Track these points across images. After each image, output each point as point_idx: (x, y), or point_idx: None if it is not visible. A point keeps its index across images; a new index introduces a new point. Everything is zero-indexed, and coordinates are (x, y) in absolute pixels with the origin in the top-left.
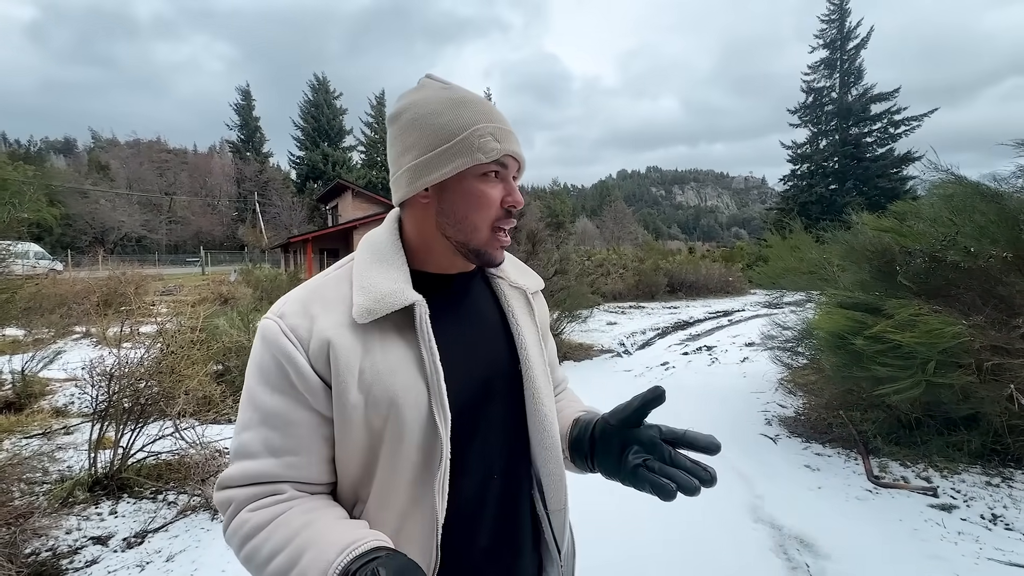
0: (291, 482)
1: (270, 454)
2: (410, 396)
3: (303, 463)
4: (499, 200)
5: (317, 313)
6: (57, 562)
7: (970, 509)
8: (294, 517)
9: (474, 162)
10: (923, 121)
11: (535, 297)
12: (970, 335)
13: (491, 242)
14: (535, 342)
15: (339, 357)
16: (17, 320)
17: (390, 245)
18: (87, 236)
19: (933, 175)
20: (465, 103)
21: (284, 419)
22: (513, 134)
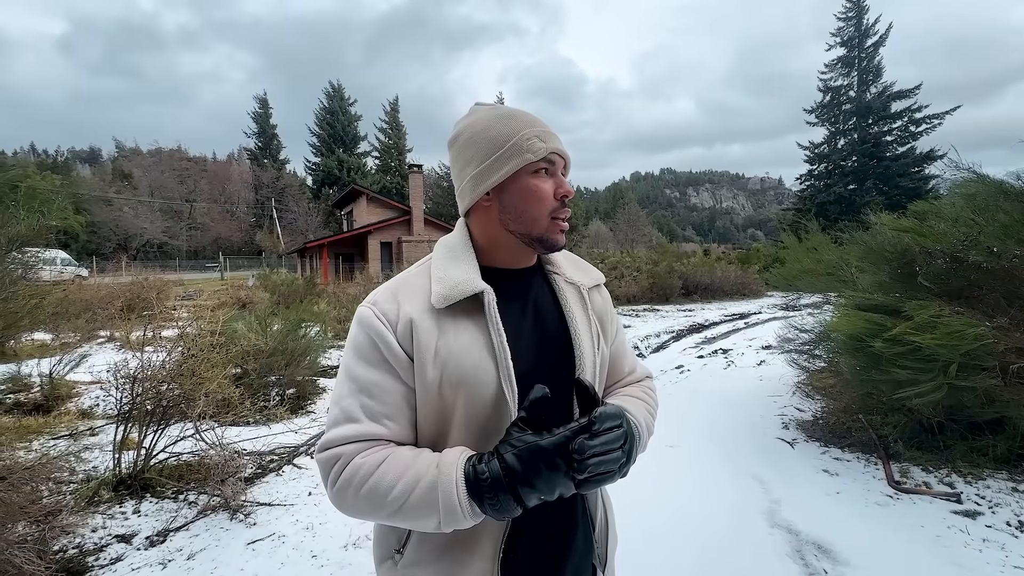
0: (392, 441)
1: (369, 418)
2: (480, 373)
3: (396, 425)
4: (552, 192)
5: (402, 300)
6: (83, 559)
7: (995, 516)
8: (405, 451)
9: (525, 161)
10: (945, 119)
11: (592, 291)
12: (993, 337)
13: (551, 228)
14: (586, 332)
15: (420, 336)
16: (45, 324)
17: (462, 244)
18: (111, 243)
19: (955, 174)
20: (511, 115)
21: (379, 388)
22: (556, 136)
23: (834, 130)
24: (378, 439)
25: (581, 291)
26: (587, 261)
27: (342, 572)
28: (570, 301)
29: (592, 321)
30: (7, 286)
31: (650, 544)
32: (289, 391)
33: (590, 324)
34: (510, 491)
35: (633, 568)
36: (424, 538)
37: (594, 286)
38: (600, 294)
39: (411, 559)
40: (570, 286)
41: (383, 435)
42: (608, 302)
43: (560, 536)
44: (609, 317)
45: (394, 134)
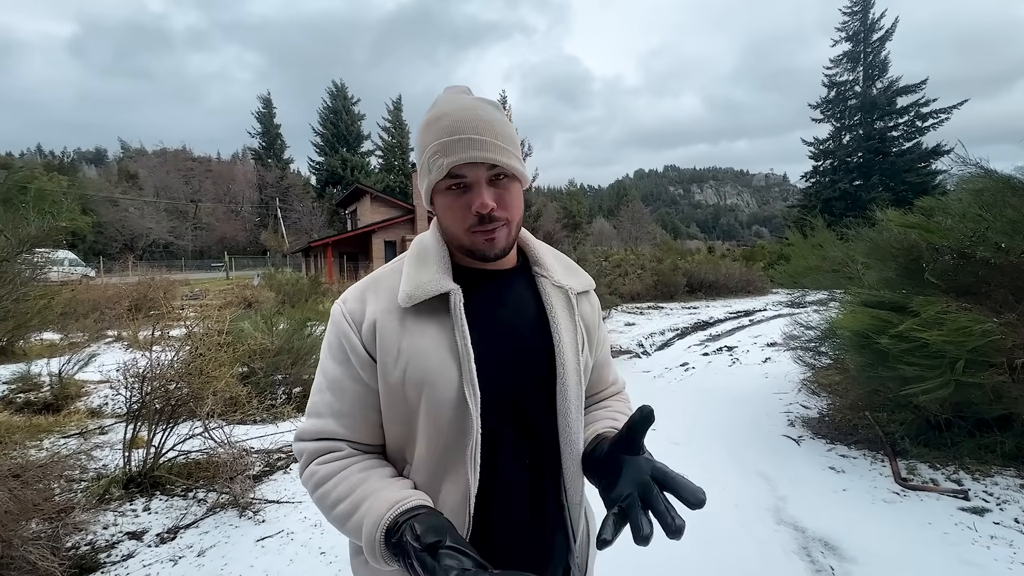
0: (347, 440)
1: (331, 415)
2: (442, 375)
3: (355, 425)
4: (468, 208)
5: (370, 299)
6: (96, 555)
7: (1004, 513)
8: (353, 473)
9: (433, 181)
10: (952, 113)
11: (581, 297)
12: (1001, 333)
13: (475, 242)
14: (571, 340)
15: (383, 336)
16: (54, 324)
17: (434, 242)
18: (117, 243)
19: (962, 169)
20: (430, 123)
21: (342, 387)
22: (469, 140)
23: (839, 126)
24: (336, 438)
25: (569, 295)
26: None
27: (350, 569)
28: (555, 306)
29: (578, 327)
30: (17, 287)
31: (655, 541)
32: (295, 389)
33: (575, 330)
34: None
35: (638, 565)
36: None
37: (583, 292)
38: (589, 300)
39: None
40: (557, 290)
41: (341, 435)
42: (596, 309)
43: (539, 544)
44: (596, 324)
45: (397, 133)
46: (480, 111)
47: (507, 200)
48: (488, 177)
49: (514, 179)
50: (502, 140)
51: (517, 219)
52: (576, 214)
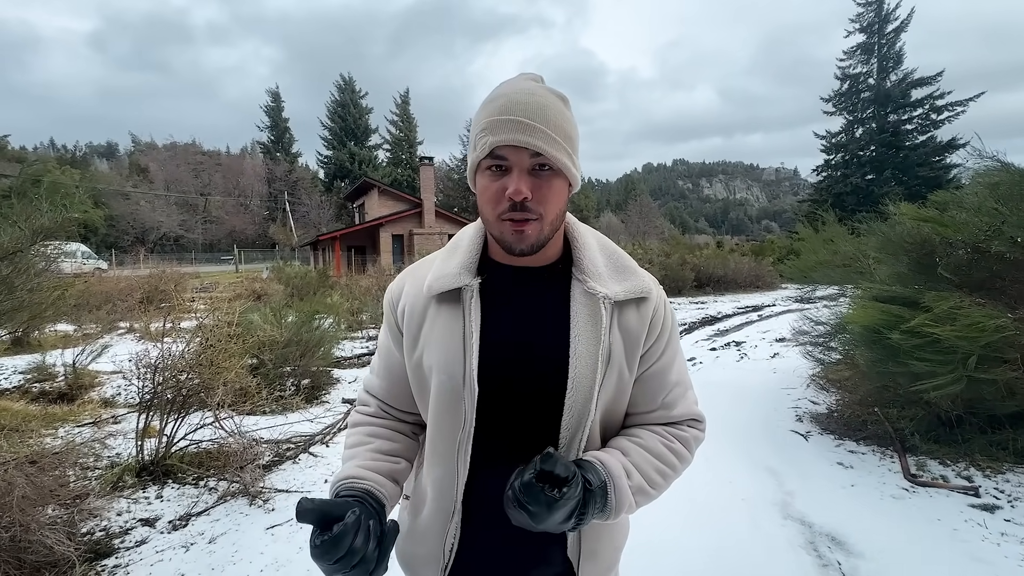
0: (379, 400)
1: (375, 374)
2: (448, 364)
3: (386, 386)
4: (502, 193)
5: (408, 282)
6: (110, 541)
7: (1015, 510)
8: (361, 433)
9: (474, 160)
10: (968, 106)
11: (626, 306)
12: (1015, 329)
13: (504, 231)
14: (589, 354)
15: (409, 320)
16: (68, 316)
17: (470, 235)
18: (129, 236)
19: (978, 162)
20: (486, 104)
21: (386, 350)
22: (517, 122)
23: (852, 119)
24: (372, 395)
25: (601, 304)
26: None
27: None
28: (579, 314)
29: (604, 341)
30: (32, 278)
31: (664, 535)
32: (304, 381)
33: (599, 343)
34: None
35: (648, 559)
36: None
37: (632, 299)
38: (639, 309)
39: (401, 513)
40: (589, 297)
41: (377, 392)
42: (650, 320)
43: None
44: (648, 338)
45: (405, 127)
46: (539, 96)
47: (545, 194)
48: (531, 165)
49: (559, 174)
50: (553, 130)
51: (553, 216)
52: (584, 208)
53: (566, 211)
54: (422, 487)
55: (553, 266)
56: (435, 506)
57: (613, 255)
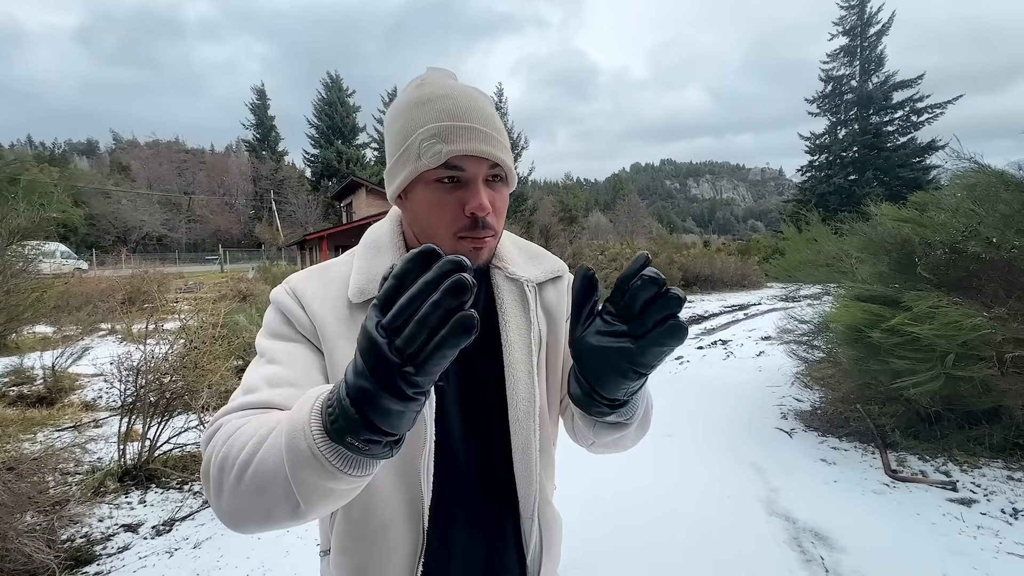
0: (284, 409)
1: (269, 385)
2: None
3: (297, 394)
4: (459, 207)
5: (317, 284)
6: (91, 548)
7: (990, 503)
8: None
9: (420, 169)
10: (947, 108)
11: (546, 286)
12: (991, 327)
13: (460, 251)
14: (521, 339)
15: (331, 325)
16: (47, 317)
17: (389, 235)
18: (110, 235)
19: (956, 164)
20: (423, 103)
21: (287, 353)
22: (475, 130)
23: (835, 120)
24: (272, 407)
25: (525, 288)
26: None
27: None
28: (506, 301)
29: (534, 323)
30: (8, 279)
31: (650, 532)
32: None
33: (530, 326)
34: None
35: (633, 556)
36: (339, 552)
37: (548, 280)
38: (556, 287)
39: (333, 570)
40: (510, 283)
41: (279, 403)
42: (566, 293)
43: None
44: (565, 311)
45: None
46: (480, 100)
47: (499, 206)
48: (487, 175)
49: (506, 182)
50: (501, 136)
51: (502, 227)
52: (573, 208)
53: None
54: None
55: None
56: (394, 542)
57: (523, 245)
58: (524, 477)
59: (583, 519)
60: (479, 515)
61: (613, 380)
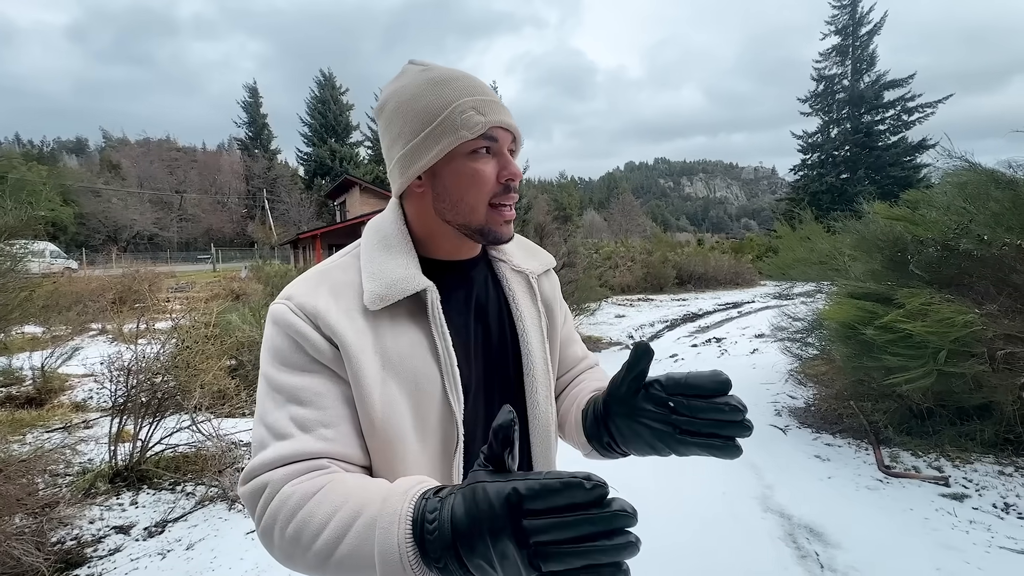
0: (331, 458)
1: (302, 430)
2: (424, 383)
3: (338, 435)
4: (494, 176)
5: (326, 295)
6: (82, 550)
7: (982, 498)
8: (348, 479)
9: (460, 140)
10: (937, 108)
11: (542, 278)
12: (983, 324)
13: (493, 219)
14: (535, 327)
15: (352, 343)
16: (35, 317)
17: (397, 232)
18: (100, 234)
19: (947, 162)
20: (445, 81)
21: (310, 392)
22: (500, 105)
23: (827, 119)
24: (317, 457)
25: (530, 280)
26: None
27: None
28: (517, 293)
29: (540, 312)
30: None
31: (645, 529)
32: None
33: (539, 315)
34: (453, 550)
35: None
36: None
37: (544, 272)
38: (549, 280)
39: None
40: (517, 275)
41: (323, 451)
42: (556, 287)
43: None
44: (558, 303)
45: None
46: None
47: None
48: (510, 147)
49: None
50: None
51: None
52: (567, 206)
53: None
54: None
55: (477, 255)
56: None
57: (517, 239)
58: (544, 459)
59: None
60: None
61: (641, 448)
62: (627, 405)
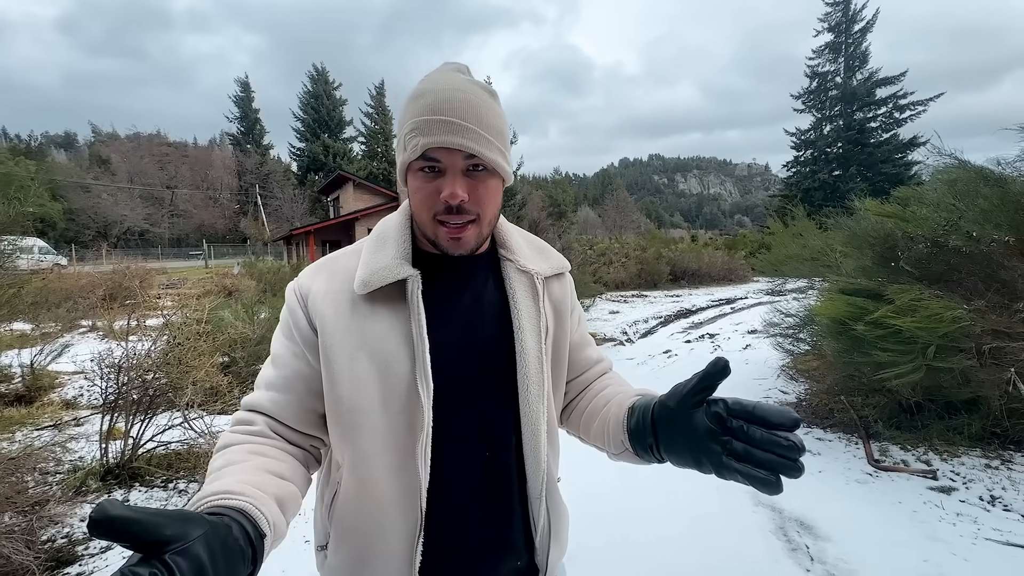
0: (270, 416)
1: (264, 387)
2: (395, 365)
3: (283, 400)
4: (436, 194)
5: (323, 278)
6: (73, 548)
7: (969, 491)
8: (233, 453)
9: (406, 160)
10: (928, 106)
11: (551, 280)
12: (971, 319)
13: (440, 233)
14: (532, 327)
15: (334, 319)
16: (24, 314)
17: (397, 226)
18: (90, 231)
19: (938, 159)
20: (416, 96)
21: (280, 360)
22: (451, 123)
23: (820, 116)
24: (259, 412)
25: (535, 280)
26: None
27: None
28: (517, 291)
29: (542, 313)
30: None
31: (638, 523)
32: None
33: (539, 316)
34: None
35: (622, 547)
36: (338, 540)
37: (554, 275)
38: (560, 283)
39: (332, 560)
40: (521, 274)
41: (266, 408)
42: (568, 291)
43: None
44: (568, 307)
45: (380, 119)
46: (470, 94)
47: (481, 194)
48: (465, 166)
49: (494, 174)
50: (486, 129)
51: (490, 216)
52: (561, 203)
53: (501, 207)
54: (355, 529)
55: (487, 252)
56: (386, 536)
57: (530, 240)
58: (533, 458)
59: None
60: (488, 497)
61: (683, 459)
62: (684, 414)
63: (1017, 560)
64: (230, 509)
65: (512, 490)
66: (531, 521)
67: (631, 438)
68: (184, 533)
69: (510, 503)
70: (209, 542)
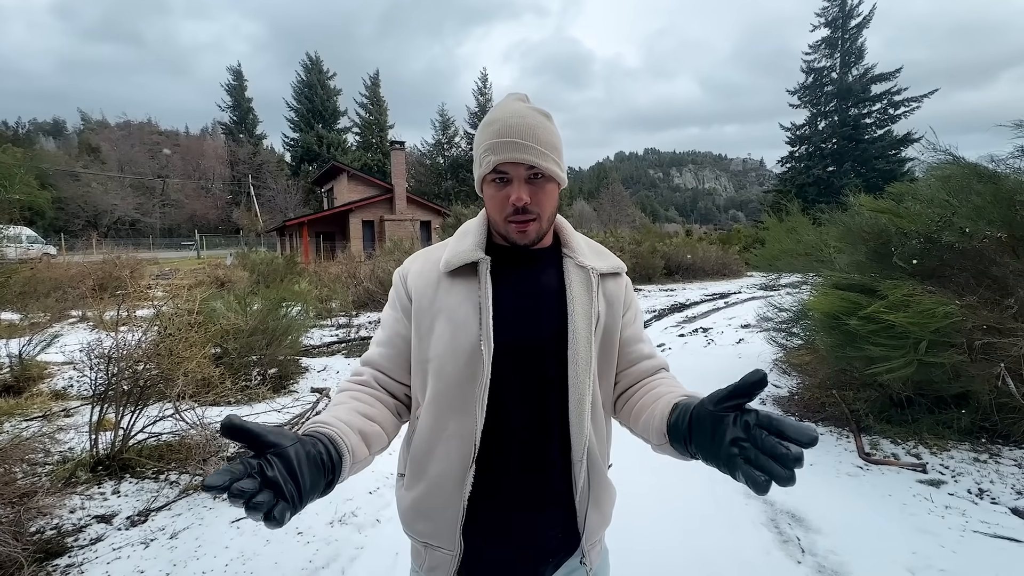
0: (378, 369)
1: (375, 344)
2: (465, 325)
3: (388, 354)
4: (507, 200)
5: (418, 263)
6: (62, 539)
7: (958, 484)
8: (339, 397)
9: (481, 174)
10: (923, 102)
11: (607, 278)
12: (962, 315)
13: (510, 229)
14: (584, 312)
15: (424, 290)
16: (12, 304)
17: (477, 223)
18: (80, 220)
19: (932, 156)
20: (487, 124)
21: (386, 324)
22: (514, 143)
23: (815, 112)
24: (370, 366)
25: (591, 275)
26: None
27: (328, 548)
28: (574, 281)
29: (595, 303)
30: None
31: (633, 517)
32: (271, 370)
33: (591, 304)
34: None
35: (617, 540)
36: (412, 465)
37: (610, 273)
38: (616, 281)
39: (407, 483)
40: (579, 269)
41: (375, 362)
42: (624, 289)
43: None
44: (623, 302)
45: (375, 110)
46: (528, 118)
47: (540, 197)
48: (526, 176)
49: (550, 179)
50: (543, 145)
51: (548, 213)
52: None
53: (558, 206)
54: (424, 456)
55: (549, 248)
56: (447, 463)
57: (591, 243)
58: (577, 423)
59: None
60: (532, 449)
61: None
62: (716, 418)
63: (1004, 552)
64: (320, 434)
65: (554, 448)
66: (572, 481)
67: (670, 433)
68: (281, 442)
69: (553, 458)
70: (297, 451)
